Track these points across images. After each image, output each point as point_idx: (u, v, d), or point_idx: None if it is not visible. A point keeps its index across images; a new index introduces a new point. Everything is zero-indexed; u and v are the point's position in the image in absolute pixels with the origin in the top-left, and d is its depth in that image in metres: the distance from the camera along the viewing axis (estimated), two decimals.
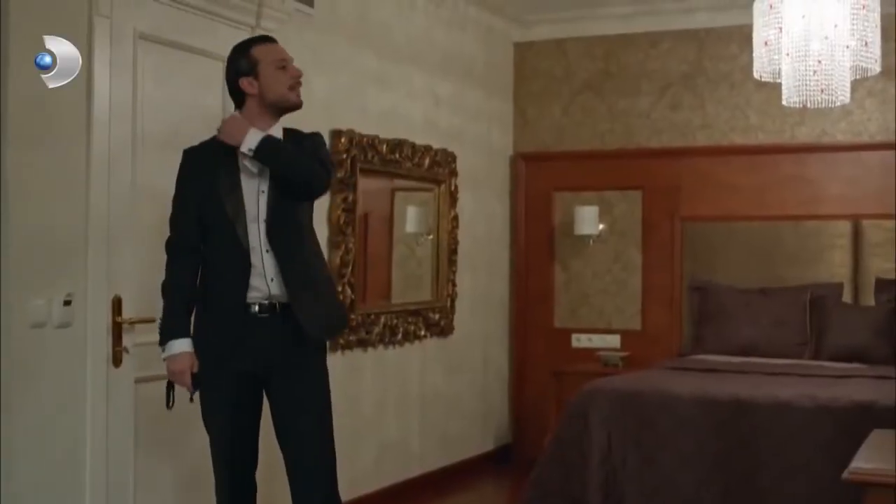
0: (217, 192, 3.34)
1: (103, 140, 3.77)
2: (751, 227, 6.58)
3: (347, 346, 5.25)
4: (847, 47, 4.91)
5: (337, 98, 5.19)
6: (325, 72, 5.03)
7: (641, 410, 4.86)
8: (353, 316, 5.28)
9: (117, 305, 3.81)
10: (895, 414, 4.32)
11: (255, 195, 3.36)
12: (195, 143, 4.18)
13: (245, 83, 3.39)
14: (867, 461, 3.08)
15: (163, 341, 3.39)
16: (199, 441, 4.19)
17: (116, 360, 3.81)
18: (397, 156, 5.69)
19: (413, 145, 5.87)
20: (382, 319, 5.61)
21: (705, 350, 6.22)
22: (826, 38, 4.89)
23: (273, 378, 3.39)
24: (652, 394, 4.91)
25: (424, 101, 6.07)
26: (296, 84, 3.41)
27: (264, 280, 3.33)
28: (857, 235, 6.34)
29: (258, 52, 3.39)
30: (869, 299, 6.19)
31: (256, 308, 3.33)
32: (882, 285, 6.10)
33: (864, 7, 4.92)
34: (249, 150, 3.31)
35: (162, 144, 4.04)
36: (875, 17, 4.96)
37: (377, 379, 5.61)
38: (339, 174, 5.09)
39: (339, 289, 5.17)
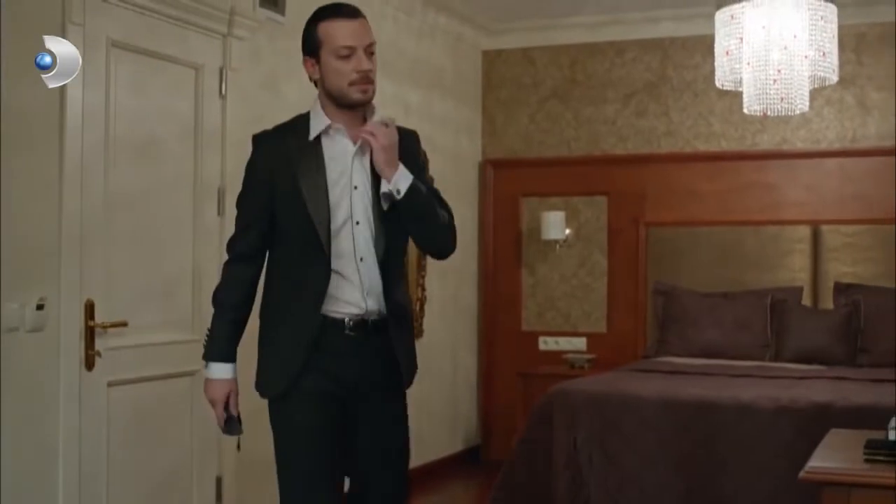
0: (297, 188, 2.82)
1: (76, 146, 3.80)
2: (713, 233, 6.69)
3: None
4: (805, 57, 5.03)
5: (308, 105, 5.20)
6: (296, 79, 5.07)
7: (606, 412, 4.91)
8: None
9: (90, 309, 3.84)
10: (852, 414, 4.43)
11: (347, 193, 2.85)
12: (167, 149, 4.27)
13: (308, 64, 2.89)
14: (823, 460, 3.13)
15: (204, 358, 2.96)
16: (172, 444, 4.24)
17: (89, 364, 3.84)
18: None
19: None
20: None
21: (669, 352, 6.31)
22: (785, 48, 4.99)
23: (361, 410, 2.90)
24: (617, 395, 4.97)
25: (394, 108, 6.12)
26: (359, 79, 2.81)
27: (360, 292, 2.84)
28: (816, 240, 6.46)
29: (324, 30, 2.83)
30: (828, 303, 6.32)
31: (349, 322, 2.84)
32: (840, 289, 6.23)
33: (822, 18, 5.03)
34: (398, 191, 2.80)
35: (134, 151, 4.09)
36: (832, 29, 5.08)
37: None
38: None
39: None
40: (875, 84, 6.46)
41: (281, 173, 2.85)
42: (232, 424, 2.93)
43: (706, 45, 5.83)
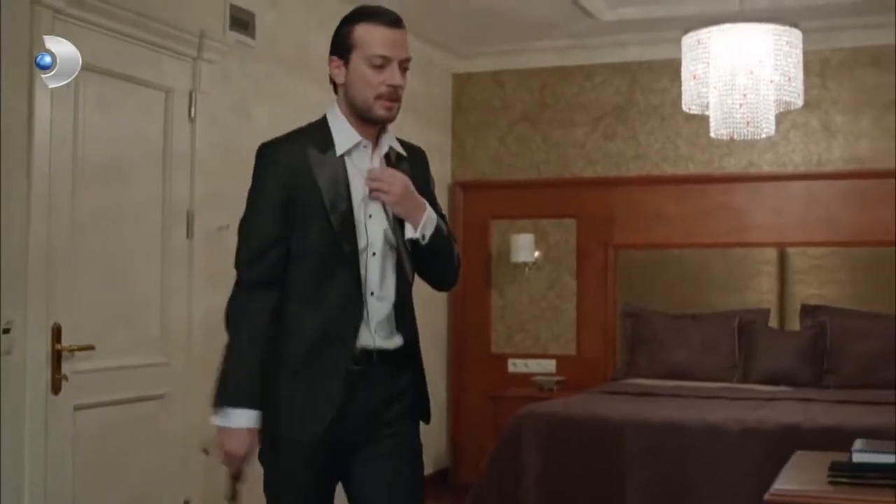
0: (322, 203, 2.53)
1: (44, 168, 3.78)
2: (681, 255, 6.73)
3: None
4: (771, 82, 5.09)
5: (278, 128, 5.15)
6: (266, 102, 5.10)
7: (576, 434, 4.92)
8: None
9: (57, 333, 3.81)
10: (818, 435, 4.46)
11: (363, 220, 2.59)
12: (135, 172, 4.25)
13: (333, 64, 2.62)
14: (787, 482, 3.16)
15: (219, 402, 2.53)
16: (140, 468, 4.21)
17: (55, 388, 3.81)
18: None
19: None
20: None
21: (638, 374, 6.32)
22: (751, 72, 5.06)
23: (363, 448, 2.61)
24: (586, 417, 4.99)
25: None
26: (387, 94, 2.56)
27: (368, 329, 2.57)
28: (782, 262, 6.52)
29: (361, 33, 2.56)
30: (794, 324, 6.36)
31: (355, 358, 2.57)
32: (807, 311, 6.28)
33: (787, 43, 5.11)
34: (423, 237, 2.61)
35: (103, 173, 4.08)
36: (797, 54, 5.15)
37: None
38: None
39: None
40: (839, 108, 6.54)
41: (301, 187, 2.54)
42: (239, 488, 2.56)
43: (673, 69, 5.88)
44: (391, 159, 2.67)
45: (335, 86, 2.64)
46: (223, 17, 4.78)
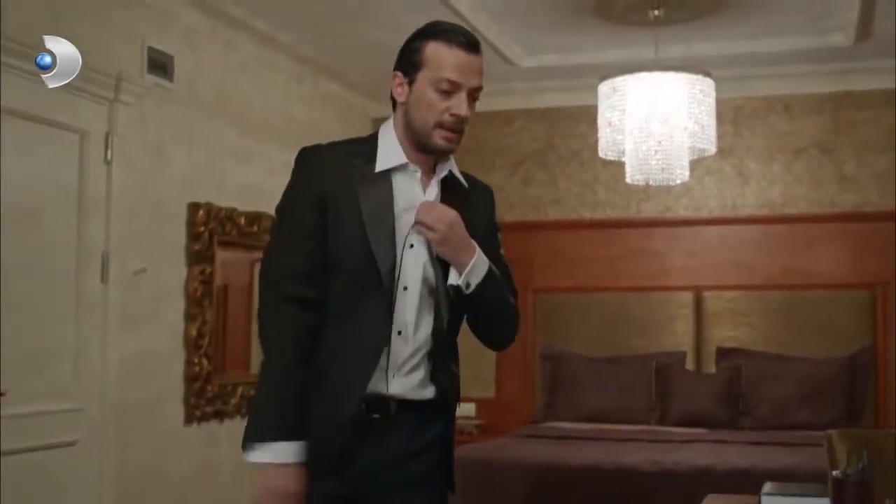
0: (358, 215, 2.31)
1: None
2: (600, 298, 6.80)
3: (203, 418, 5.22)
4: (685, 129, 5.21)
5: (195, 171, 5.20)
6: (183, 145, 5.07)
7: (493, 478, 4.94)
8: (209, 387, 5.26)
9: None
10: (732, 477, 4.53)
11: (400, 248, 2.35)
12: (50, 216, 4.19)
13: (396, 80, 2.38)
14: None
15: (257, 436, 2.25)
16: None
17: None
18: (256, 228, 5.73)
19: (272, 217, 5.89)
20: (240, 390, 5.59)
21: (557, 417, 6.36)
22: (666, 120, 5.17)
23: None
24: (504, 461, 5.00)
25: (283, 174, 6.06)
26: (450, 124, 2.33)
27: (384, 372, 2.32)
28: (698, 305, 6.63)
29: (433, 51, 2.32)
30: (710, 367, 6.46)
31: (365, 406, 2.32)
32: (723, 354, 6.38)
33: (700, 92, 5.23)
34: (468, 284, 2.35)
35: (16, 217, 4.01)
36: (710, 102, 5.28)
37: (234, 450, 5.54)
38: (197, 247, 5.11)
39: (196, 360, 5.14)
40: (752, 155, 6.71)
41: (340, 195, 2.32)
42: None
43: (591, 115, 5.96)
44: (448, 186, 2.45)
45: (394, 103, 2.41)
46: (141, 59, 4.76)
